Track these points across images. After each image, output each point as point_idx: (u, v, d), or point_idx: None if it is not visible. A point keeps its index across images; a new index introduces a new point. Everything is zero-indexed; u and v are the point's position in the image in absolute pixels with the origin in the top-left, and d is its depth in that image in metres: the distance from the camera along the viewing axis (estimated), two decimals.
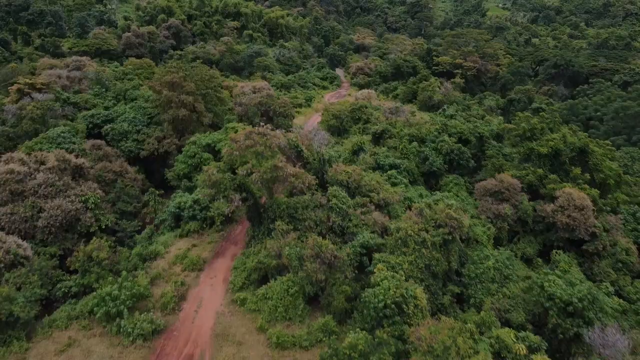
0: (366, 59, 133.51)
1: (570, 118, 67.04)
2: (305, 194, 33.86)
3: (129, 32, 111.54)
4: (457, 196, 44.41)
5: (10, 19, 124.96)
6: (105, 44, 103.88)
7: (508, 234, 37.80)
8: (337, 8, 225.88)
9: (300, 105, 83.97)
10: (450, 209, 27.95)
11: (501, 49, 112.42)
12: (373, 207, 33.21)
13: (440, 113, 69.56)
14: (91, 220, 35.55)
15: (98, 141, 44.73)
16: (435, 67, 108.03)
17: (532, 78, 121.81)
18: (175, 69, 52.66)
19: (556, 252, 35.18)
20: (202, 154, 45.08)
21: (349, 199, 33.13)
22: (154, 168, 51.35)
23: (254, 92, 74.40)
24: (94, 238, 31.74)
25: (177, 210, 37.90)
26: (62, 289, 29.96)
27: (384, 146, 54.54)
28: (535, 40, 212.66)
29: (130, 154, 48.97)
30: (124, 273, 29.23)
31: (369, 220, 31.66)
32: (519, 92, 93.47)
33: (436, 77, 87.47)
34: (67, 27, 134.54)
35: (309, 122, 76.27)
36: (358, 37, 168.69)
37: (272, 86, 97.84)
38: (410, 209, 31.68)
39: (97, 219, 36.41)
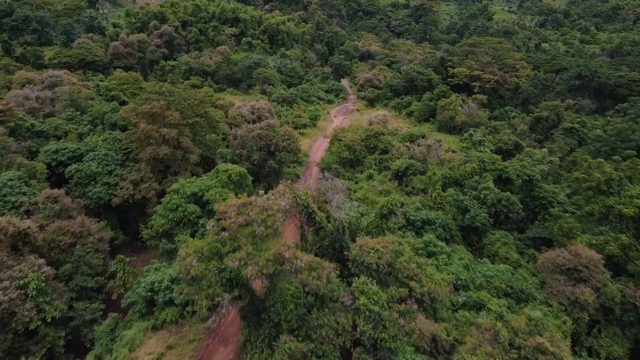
0: (373, 67, 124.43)
1: (616, 144, 57.98)
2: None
3: (117, 40, 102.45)
4: (507, 259, 35.39)
5: None
6: (90, 54, 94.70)
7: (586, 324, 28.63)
8: (340, 12, 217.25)
9: (304, 126, 74.94)
10: (541, 335, 18.76)
11: (522, 59, 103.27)
12: (415, 305, 24.02)
13: (466, 139, 60.44)
14: (31, 314, 26.35)
15: (55, 191, 35.49)
16: (451, 79, 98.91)
17: (551, 89, 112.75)
18: (155, 96, 43.49)
19: None
20: (186, 206, 35.88)
21: (381, 293, 23.94)
22: (129, 216, 42.23)
23: (252, 113, 65.69)
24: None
25: (150, 293, 28.77)
26: None
27: (407, 186, 45.59)
28: (545, 45, 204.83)
29: (99, 202, 39.81)
30: None
31: (411, 329, 22.48)
32: (546, 108, 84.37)
33: (457, 94, 78.32)
34: (54, 34, 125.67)
35: (314, 147, 67.25)
36: (363, 43, 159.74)
37: (272, 101, 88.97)
38: (476, 328, 22.44)
39: (41, 309, 27.22)
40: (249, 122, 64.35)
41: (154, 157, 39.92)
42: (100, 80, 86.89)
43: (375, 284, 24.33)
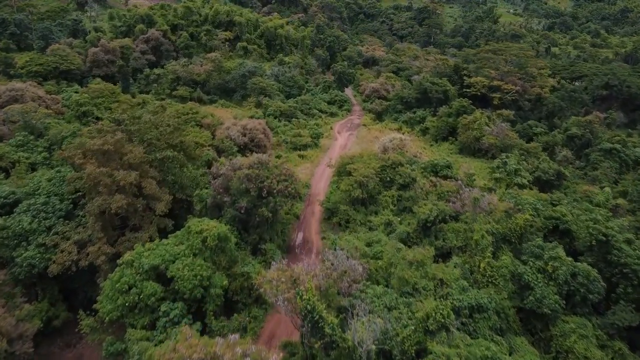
0: (378, 75, 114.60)
1: None
2: None
3: (97, 46, 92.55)
4: (587, 359, 25.44)
5: None
6: (64, 62, 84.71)
7: None
8: (341, 14, 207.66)
9: (305, 147, 64.96)
10: None
11: (544, 68, 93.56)
12: None
13: (499, 167, 50.55)
14: None
15: None
16: (467, 90, 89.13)
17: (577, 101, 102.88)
18: (111, 126, 33.50)
19: None
20: (142, 286, 25.85)
21: None
22: (75, 285, 32.18)
23: (244, 135, 55.81)
24: None
25: None
26: None
27: (437, 238, 35.68)
28: (555, 50, 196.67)
29: (31, 271, 29.75)
30: None
31: None
32: (578, 124, 74.53)
33: (481, 110, 68.46)
34: (34, 39, 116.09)
35: (317, 174, 57.38)
36: (367, 48, 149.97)
37: (269, 115, 79.09)
38: None
39: None
40: (239, 146, 54.72)
41: (106, 210, 29.89)
42: (75, 92, 76.99)
43: None
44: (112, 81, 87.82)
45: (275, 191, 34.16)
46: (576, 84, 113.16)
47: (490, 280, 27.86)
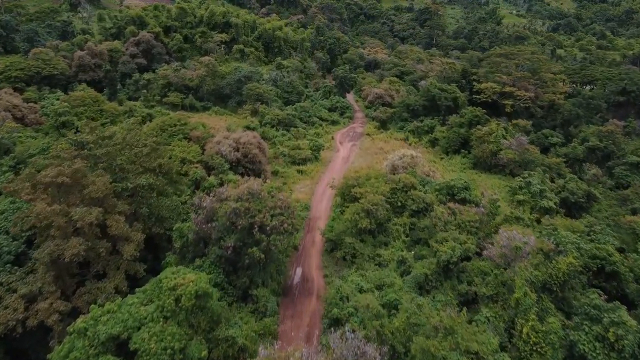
0: (381, 79, 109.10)
1: None
2: None
3: (84, 49, 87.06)
4: None
5: None
6: (47, 67, 79.18)
7: None
8: (341, 16, 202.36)
9: (304, 161, 59.41)
10: None
11: (561, 72, 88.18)
12: None
13: (522, 188, 45.03)
14: None
15: None
16: (476, 96, 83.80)
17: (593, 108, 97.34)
18: (70, 151, 27.95)
19: None
20: None
21: None
22: (25, 345, 26.61)
23: (237, 150, 50.29)
24: None
25: None
26: None
27: (461, 281, 30.36)
28: (560, 52, 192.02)
29: None
30: None
31: None
32: (599, 134, 69.12)
33: (497, 121, 62.94)
34: (20, 41, 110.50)
35: (318, 192, 51.82)
36: (369, 50, 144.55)
37: (266, 123, 73.70)
38: None
39: None
40: (231, 163, 49.23)
41: (59, 257, 24.32)
42: (57, 100, 71.53)
43: None
44: (99, 87, 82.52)
45: (269, 228, 28.59)
46: (587, 88, 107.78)
47: (534, 348, 22.33)
